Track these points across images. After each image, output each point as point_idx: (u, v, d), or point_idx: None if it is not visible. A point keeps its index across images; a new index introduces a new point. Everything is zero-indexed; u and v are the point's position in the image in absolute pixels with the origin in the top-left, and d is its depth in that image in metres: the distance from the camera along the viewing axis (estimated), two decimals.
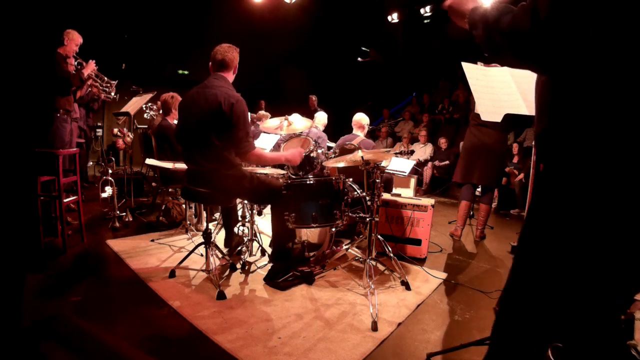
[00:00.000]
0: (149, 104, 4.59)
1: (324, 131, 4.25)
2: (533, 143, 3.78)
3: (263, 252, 2.98)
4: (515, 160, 5.86)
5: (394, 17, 8.21)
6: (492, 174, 3.64)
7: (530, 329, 0.93)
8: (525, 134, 6.86)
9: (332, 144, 4.02)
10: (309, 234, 2.97)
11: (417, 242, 3.08)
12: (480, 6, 1.00)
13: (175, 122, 3.57)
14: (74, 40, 3.64)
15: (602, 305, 0.86)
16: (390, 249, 2.69)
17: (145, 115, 4.89)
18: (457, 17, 1.06)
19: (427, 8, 7.68)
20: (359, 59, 9.95)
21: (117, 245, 3.07)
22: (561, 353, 0.89)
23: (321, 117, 4.22)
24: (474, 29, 0.97)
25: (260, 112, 5.01)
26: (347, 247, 3.12)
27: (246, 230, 3.08)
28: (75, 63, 3.73)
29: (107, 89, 4.13)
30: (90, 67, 3.80)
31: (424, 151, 7.12)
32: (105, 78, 4.06)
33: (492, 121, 2.04)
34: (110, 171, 3.69)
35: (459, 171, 3.81)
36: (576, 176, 0.81)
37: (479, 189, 4.05)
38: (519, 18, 0.83)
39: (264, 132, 3.84)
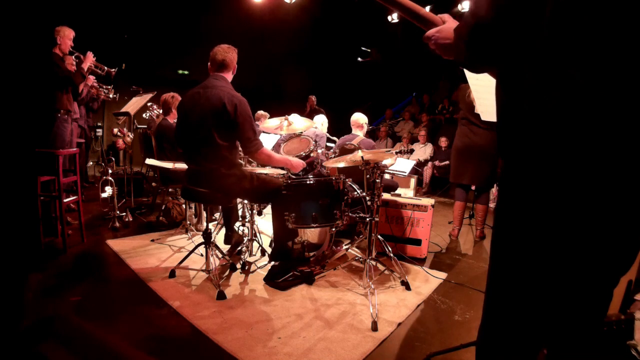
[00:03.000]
0: (150, 104, 4.59)
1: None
2: None
3: (263, 252, 2.98)
4: None
5: (394, 17, 8.22)
6: (484, 174, 3.58)
7: (516, 331, 0.93)
8: None
9: (335, 139, 4.01)
10: (309, 234, 2.97)
11: (417, 242, 3.08)
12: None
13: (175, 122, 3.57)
14: (67, 35, 3.63)
15: (580, 301, 0.86)
16: (390, 249, 2.69)
17: (144, 115, 4.89)
18: (449, 52, 1.02)
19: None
20: (359, 59, 9.94)
21: (117, 245, 3.07)
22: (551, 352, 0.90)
23: (320, 119, 4.23)
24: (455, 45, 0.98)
25: (258, 112, 5.01)
26: (347, 247, 3.12)
27: (246, 230, 3.08)
28: (74, 57, 3.72)
29: (106, 90, 4.14)
30: (89, 60, 3.80)
31: (423, 151, 7.12)
32: (105, 68, 4.08)
33: (484, 120, 2.03)
34: (110, 171, 3.69)
35: (450, 171, 3.80)
36: (529, 171, 0.83)
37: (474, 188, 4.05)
38: (466, 20, 0.88)
39: (264, 132, 3.84)
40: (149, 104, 4.54)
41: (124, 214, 3.77)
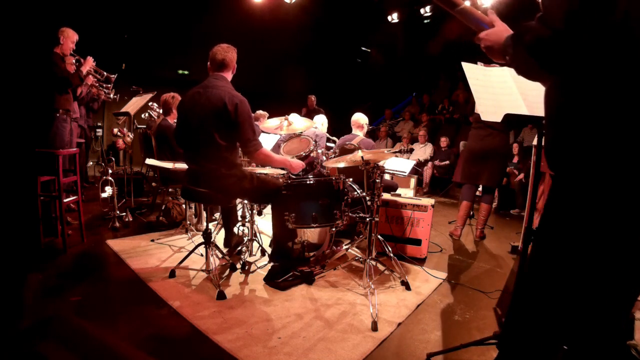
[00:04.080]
0: (150, 104, 4.58)
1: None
2: (533, 143, 3.81)
3: (263, 252, 2.97)
4: (515, 160, 5.86)
5: (394, 17, 8.22)
6: (500, 175, 3.76)
7: (542, 331, 0.93)
8: (523, 134, 6.88)
9: (335, 139, 4.02)
10: (309, 234, 2.97)
11: (417, 242, 3.08)
12: (509, 34, 1.02)
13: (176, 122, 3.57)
14: (70, 37, 3.64)
15: (612, 308, 0.86)
16: (390, 249, 2.69)
17: (142, 116, 4.89)
18: (495, 54, 1.07)
19: (427, 8, 7.70)
20: (359, 59, 9.94)
21: (117, 245, 3.07)
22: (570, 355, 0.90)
23: (320, 119, 4.24)
24: (507, 54, 1.01)
25: (258, 111, 5.01)
26: (347, 247, 3.12)
27: (246, 230, 3.08)
28: (74, 60, 3.72)
29: (106, 90, 4.13)
30: (89, 64, 3.80)
31: (423, 151, 7.12)
32: (105, 73, 4.07)
33: (496, 122, 2.05)
34: (110, 171, 3.69)
35: (460, 171, 3.86)
36: (585, 184, 0.82)
37: (480, 189, 4.07)
38: (538, 29, 0.88)
39: (264, 132, 3.84)
40: (149, 104, 4.53)
41: (124, 214, 3.77)
